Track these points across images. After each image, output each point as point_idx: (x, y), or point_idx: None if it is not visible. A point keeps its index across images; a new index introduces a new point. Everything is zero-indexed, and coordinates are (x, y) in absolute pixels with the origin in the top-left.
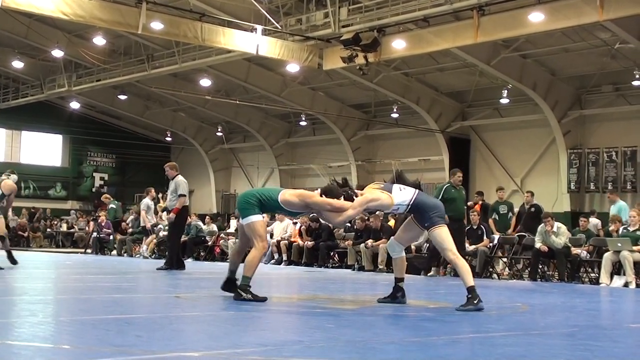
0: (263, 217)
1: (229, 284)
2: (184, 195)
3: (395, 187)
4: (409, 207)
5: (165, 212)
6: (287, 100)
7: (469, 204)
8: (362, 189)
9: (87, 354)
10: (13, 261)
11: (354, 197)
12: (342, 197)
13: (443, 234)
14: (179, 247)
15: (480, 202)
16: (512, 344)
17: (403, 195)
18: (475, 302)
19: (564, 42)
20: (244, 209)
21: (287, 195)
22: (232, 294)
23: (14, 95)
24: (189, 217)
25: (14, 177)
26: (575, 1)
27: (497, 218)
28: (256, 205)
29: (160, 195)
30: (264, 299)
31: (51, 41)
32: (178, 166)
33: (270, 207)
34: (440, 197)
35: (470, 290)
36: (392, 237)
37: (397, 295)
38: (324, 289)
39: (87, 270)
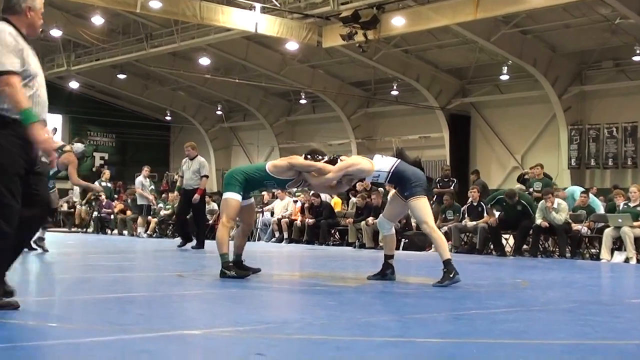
0: (246, 198)
1: (237, 267)
2: (207, 177)
3: (377, 155)
4: (390, 174)
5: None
6: (287, 79)
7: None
8: None
9: (89, 332)
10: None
11: (337, 162)
12: (325, 158)
13: (421, 205)
14: (205, 225)
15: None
16: (513, 320)
17: (384, 162)
18: (451, 275)
19: (565, 17)
20: (227, 184)
21: (274, 162)
22: (237, 278)
23: None
24: None
25: (78, 145)
26: None
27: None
28: (240, 184)
29: (172, 174)
30: (246, 275)
31: (49, 20)
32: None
33: (259, 179)
34: None
35: (446, 263)
36: (380, 215)
37: (386, 272)
38: (325, 267)
39: (88, 250)
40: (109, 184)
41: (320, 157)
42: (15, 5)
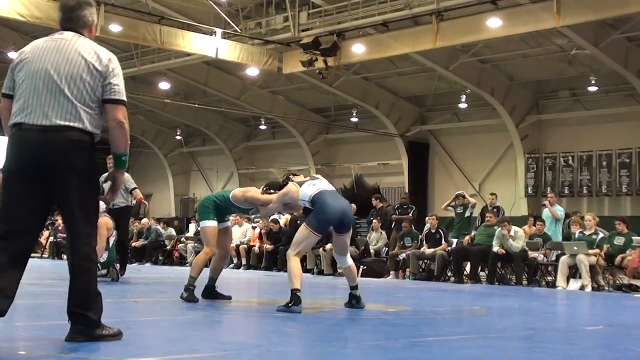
0: (219, 223)
1: (209, 292)
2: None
3: (308, 182)
4: (310, 202)
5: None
6: (247, 104)
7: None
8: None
9: (43, 359)
10: None
11: (287, 184)
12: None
13: (301, 234)
14: (127, 248)
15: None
16: (470, 347)
17: (308, 189)
18: (290, 305)
19: (522, 47)
20: (201, 212)
21: (235, 191)
22: (186, 301)
23: None
24: (148, 221)
25: None
26: (532, 7)
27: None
28: (212, 210)
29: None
30: (195, 301)
31: (7, 42)
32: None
33: (226, 206)
34: None
35: (292, 292)
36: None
37: (352, 302)
38: (283, 293)
39: (43, 275)
40: None
41: (272, 191)
42: (83, 18)
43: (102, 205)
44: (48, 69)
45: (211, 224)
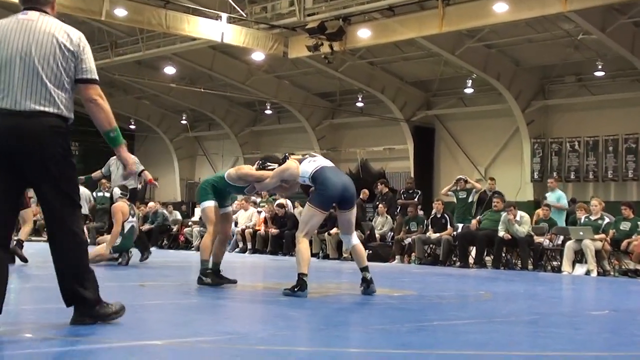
0: (216, 203)
1: (215, 276)
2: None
3: (308, 159)
4: (310, 179)
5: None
6: (252, 89)
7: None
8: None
9: (49, 342)
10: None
11: (286, 161)
12: (277, 164)
13: (307, 215)
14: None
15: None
16: (475, 332)
17: (308, 166)
18: (296, 289)
19: (528, 32)
20: (200, 195)
21: (229, 170)
22: (212, 285)
23: None
24: (154, 205)
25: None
26: None
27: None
28: (209, 192)
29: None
30: (221, 283)
31: None
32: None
33: (223, 187)
34: None
35: (299, 276)
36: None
37: (363, 285)
38: (289, 278)
39: (48, 259)
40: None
41: (269, 165)
42: None
43: (117, 190)
44: (20, 52)
45: (210, 203)
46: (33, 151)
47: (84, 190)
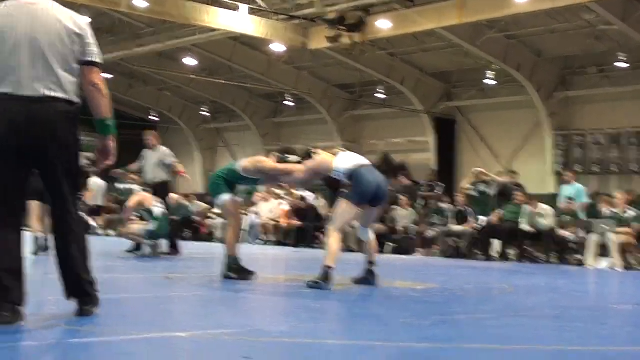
0: (232, 196)
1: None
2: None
3: (345, 154)
4: (346, 175)
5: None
6: (272, 80)
7: None
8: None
9: (72, 333)
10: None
11: (311, 157)
12: (296, 156)
13: (340, 208)
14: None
15: None
16: (498, 325)
17: (344, 163)
18: (320, 281)
19: (549, 23)
20: (213, 191)
21: (244, 162)
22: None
23: None
24: (174, 197)
25: None
26: None
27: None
28: (223, 185)
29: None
30: (249, 277)
31: None
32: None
33: (233, 179)
34: None
35: (325, 269)
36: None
37: (367, 277)
38: (311, 270)
39: None
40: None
41: (288, 157)
42: None
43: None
44: (26, 37)
45: (227, 197)
46: (45, 136)
47: (97, 181)
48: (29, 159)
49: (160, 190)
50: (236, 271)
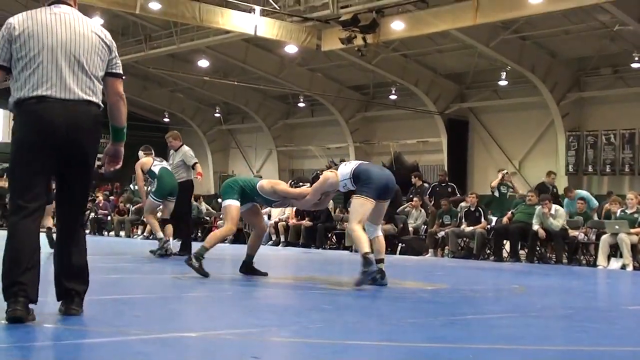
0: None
1: (247, 267)
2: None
3: (342, 165)
4: (352, 179)
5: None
6: (285, 82)
7: None
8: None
9: (84, 333)
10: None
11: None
12: (306, 185)
13: (356, 204)
14: (189, 226)
15: None
16: (509, 326)
17: (345, 169)
18: (366, 269)
19: (564, 24)
20: (225, 192)
21: (262, 182)
22: (250, 276)
23: None
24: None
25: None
26: None
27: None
28: (237, 192)
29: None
30: (206, 275)
31: None
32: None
33: (251, 193)
34: None
35: (363, 257)
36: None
37: (376, 277)
38: (322, 271)
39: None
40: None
41: (301, 184)
42: None
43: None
44: (63, 44)
45: (235, 203)
46: (80, 138)
47: None
48: (60, 160)
49: (182, 189)
50: (197, 262)
